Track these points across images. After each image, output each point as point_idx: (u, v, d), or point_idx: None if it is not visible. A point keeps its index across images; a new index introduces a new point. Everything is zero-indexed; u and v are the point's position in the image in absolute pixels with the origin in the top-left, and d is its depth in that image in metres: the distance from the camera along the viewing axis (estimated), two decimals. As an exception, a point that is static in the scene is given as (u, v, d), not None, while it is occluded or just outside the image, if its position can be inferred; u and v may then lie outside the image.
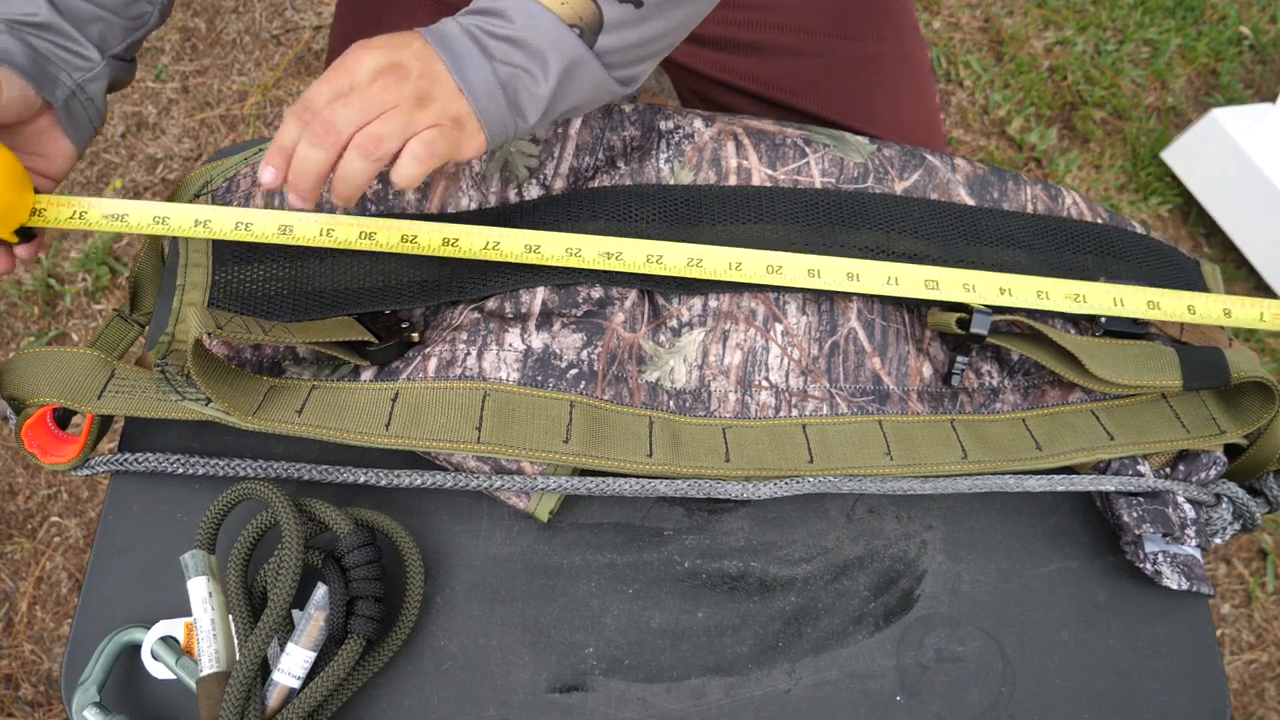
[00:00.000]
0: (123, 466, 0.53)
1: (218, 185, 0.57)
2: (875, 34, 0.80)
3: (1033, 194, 0.63)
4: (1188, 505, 0.55)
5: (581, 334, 0.54)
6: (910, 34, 0.83)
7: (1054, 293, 0.57)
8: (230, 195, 0.57)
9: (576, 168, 0.60)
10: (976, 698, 0.53)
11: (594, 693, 0.51)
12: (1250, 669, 1.25)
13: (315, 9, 1.59)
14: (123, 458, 0.53)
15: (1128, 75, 1.65)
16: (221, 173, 0.57)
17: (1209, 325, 0.59)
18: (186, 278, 0.55)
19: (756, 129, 0.61)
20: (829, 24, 0.78)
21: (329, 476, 0.53)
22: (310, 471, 0.53)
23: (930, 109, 0.83)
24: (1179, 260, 0.64)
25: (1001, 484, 0.54)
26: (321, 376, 0.54)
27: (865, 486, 0.53)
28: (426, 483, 0.52)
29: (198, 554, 0.49)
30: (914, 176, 0.61)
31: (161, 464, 0.53)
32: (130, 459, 0.53)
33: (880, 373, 0.57)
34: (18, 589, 1.21)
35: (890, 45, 0.81)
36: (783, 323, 0.57)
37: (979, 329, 0.54)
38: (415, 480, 0.52)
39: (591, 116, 0.60)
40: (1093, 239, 0.62)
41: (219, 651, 0.48)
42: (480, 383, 0.52)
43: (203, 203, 0.57)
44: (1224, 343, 0.60)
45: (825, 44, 0.79)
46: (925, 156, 0.62)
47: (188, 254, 0.55)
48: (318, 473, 0.53)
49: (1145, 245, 0.63)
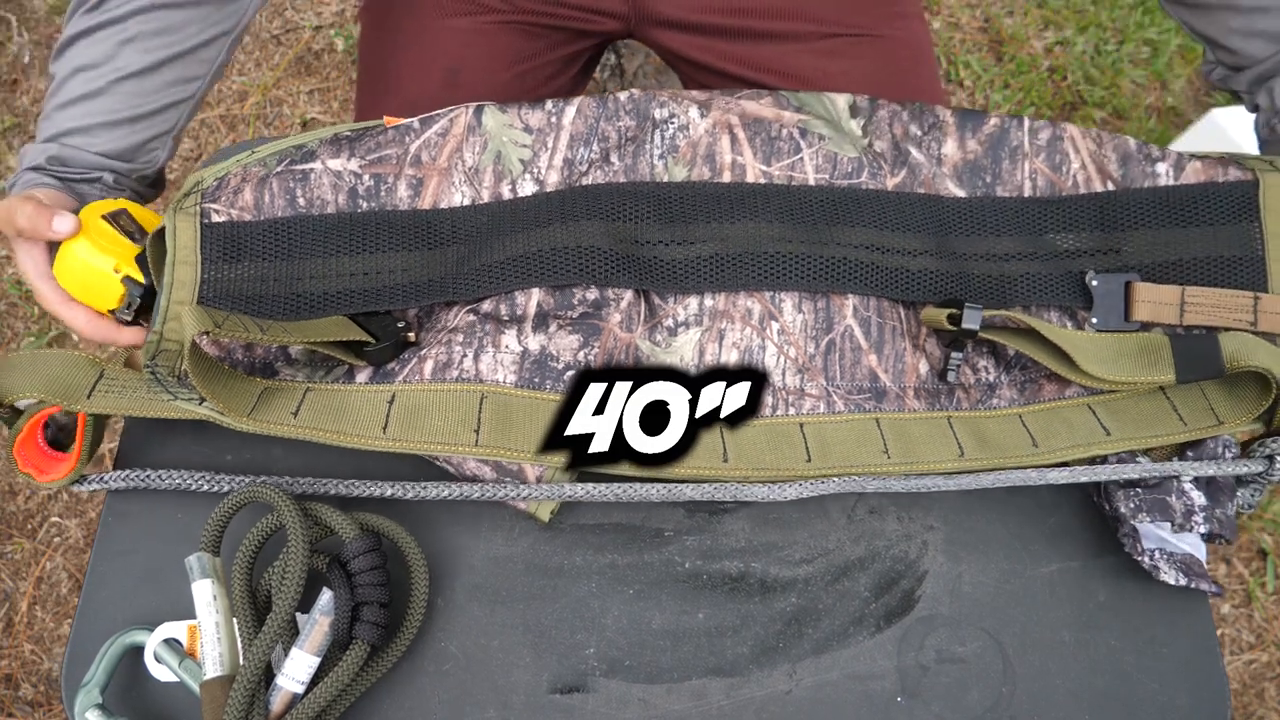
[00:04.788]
0: (122, 484, 0.53)
1: (208, 185, 0.57)
2: (881, 19, 0.80)
3: (1031, 169, 0.61)
4: (1196, 492, 0.54)
5: (578, 335, 0.54)
6: (915, 20, 0.83)
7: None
8: (219, 192, 0.57)
9: (570, 159, 0.59)
10: (977, 698, 0.53)
11: (595, 693, 0.52)
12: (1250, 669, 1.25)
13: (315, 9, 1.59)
14: (122, 475, 0.53)
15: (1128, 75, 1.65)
16: (213, 173, 0.57)
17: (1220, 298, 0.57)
18: (174, 275, 0.54)
19: (754, 116, 0.60)
20: (834, 10, 0.79)
21: (325, 488, 0.53)
22: (312, 485, 0.53)
23: (937, 93, 0.83)
24: (1208, 207, 0.59)
25: (1024, 478, 0.54)
26: (316, 378, 0.53)
27: (867, 485, 0.53)
28: (430, 495, 0.52)
29: (203, 556, 0.49)
30: (900, 175, 0.60)
31: (157, 482, 0.53)
32: (128, 476, 0.53)
33: (877, 370, 0.57)
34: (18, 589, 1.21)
35: (896, 30, 0.81)
36: (779, 321, 0.57)
37: (970, 324, 0.54)
38: (420, 493, 0.52)
39: (586, 105, 0.59)
40: (1096, 211, 0.60)
41: (223, 655, 0.48)
42: (478, 385, 0.52)
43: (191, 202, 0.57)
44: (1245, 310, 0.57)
45: (831, 30, 0.79)
46: (910, 152, 0.61)
47: (175, 250, 0.55)
48: (319, 485, 0.53)
49: (1160, 203, 0.59)
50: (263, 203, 0.57)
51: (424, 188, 0.58)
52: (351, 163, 0.58)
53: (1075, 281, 0.58)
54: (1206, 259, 0.58)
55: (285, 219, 0.57)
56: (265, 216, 0.57)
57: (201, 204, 0.57)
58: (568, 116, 0.59)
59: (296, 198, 0.57)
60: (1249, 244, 0.58)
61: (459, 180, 0.58)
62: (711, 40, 0.80)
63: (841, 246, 0.57)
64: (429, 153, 0.58)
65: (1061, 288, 0.58)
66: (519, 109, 0.59)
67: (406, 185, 0.58)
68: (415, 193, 0.58)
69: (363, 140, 0.58)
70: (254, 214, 0.57)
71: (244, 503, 0.50)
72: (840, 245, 0.57)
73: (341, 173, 0.57)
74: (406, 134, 0.58)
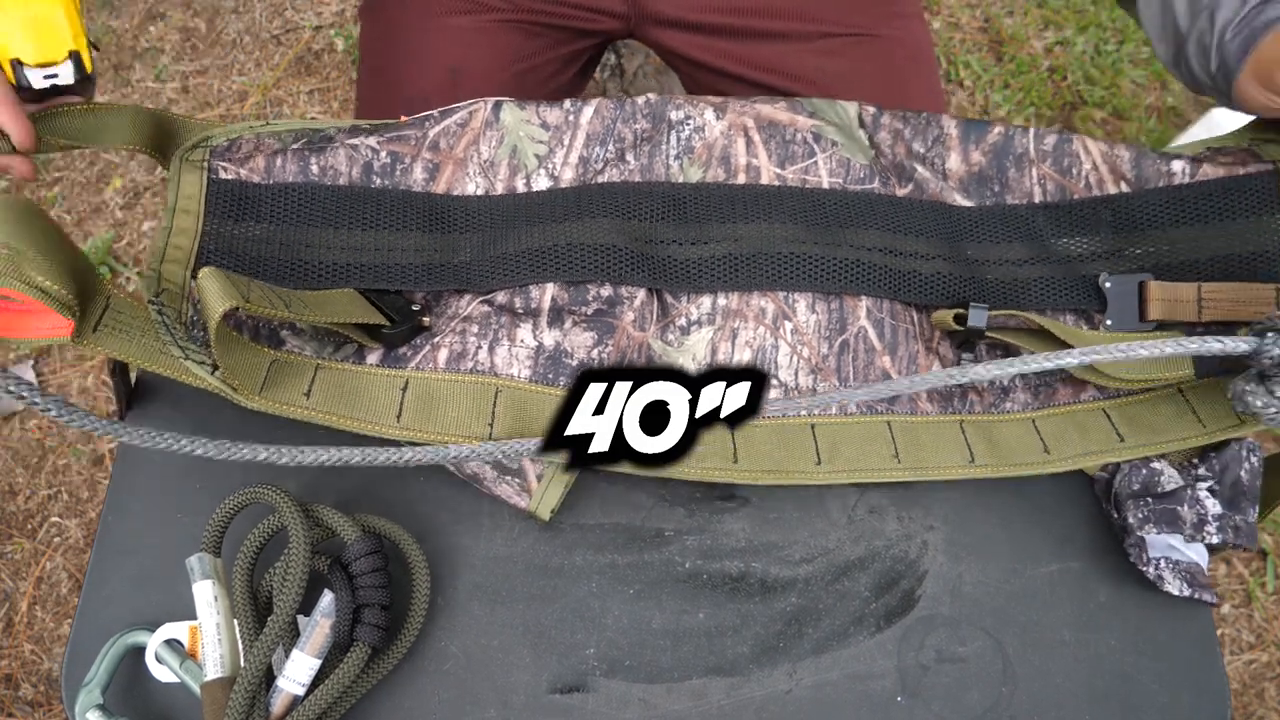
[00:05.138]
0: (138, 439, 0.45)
1: (219, 143, 0.56)
2: (880, 19, 0.80)
3: (1040, 174, 0.60)
4: (1211, 500, 0.54)
5: (592, 333, 0.54)
6: (914, 20, 0.84)
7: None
8: (230, 153, 0.56)
9: (586, 158, 0.59)
10: (977, 698, 0.53)
11: (595, 693, 0.52)
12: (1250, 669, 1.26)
13: (315, 9, 1.59)
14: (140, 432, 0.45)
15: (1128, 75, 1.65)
16: (224, 133, 0.56)
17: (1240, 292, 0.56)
18: (174, 221, 0.53)
19: (769, 119, 0.60)
20: (834, 10, 0.79)
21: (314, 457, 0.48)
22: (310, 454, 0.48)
23: (936, 93, 0.83)
24: (1226, 201, 0.58)
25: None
26: (324, 354, 0.53)
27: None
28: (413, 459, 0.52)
29: (204, 557, 0.49)
30: (907, 189, 0.61)
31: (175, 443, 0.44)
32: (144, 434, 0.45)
33: (890, 371, 0.57)
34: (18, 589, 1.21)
35: (895, 30, 0.81)
36: (792, 321, 0.57)
37: (975, 322, 0.54)
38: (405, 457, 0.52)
39: (604, 105, 0.60)
40: (1110, 214, 0.59)
41: (224, 656, 0.48)
42: (493, 378, 0.52)
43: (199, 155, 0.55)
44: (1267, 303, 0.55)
45: (830, 30, 0.79)
46: (916, 169, 0.61)
47: (177, 199, 0.54)
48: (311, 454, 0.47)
49: (1173, 202, 0.59)
50: (274, 168, 0.56)
51: (439, 173, 0.58)
52: (370, 139, 0.58)
53: (1089, 284, 0.58)
54: (1226, 257, 0.57)
55: (296, 184, 0.56)
56: (275, 182, 0.56)
57: (210, 159, 0.56)
58: (585, 116, 0.60)
59: (310, 165, 0.57)
60: (1270, 236, 0.57)
61: (474, 171, 0.58)
62: (711, 39, 0.80)
63: (854, 249, 0.58)
64: (447, 140, 0.58)
65: (1075, 291, 0.58)
66: (537, 106, 0.59)
67: (423, 168, 0.58)
68: (430, 177, 0.58)
69: (380, 129, 0.58)
70: (264, 178, 0.56)
71: (245, 503, 0.50)
72: (853, 247, 0.58)
73: (359, 146, 0.57)
74: (426, 120, 0.59)
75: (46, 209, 1.45)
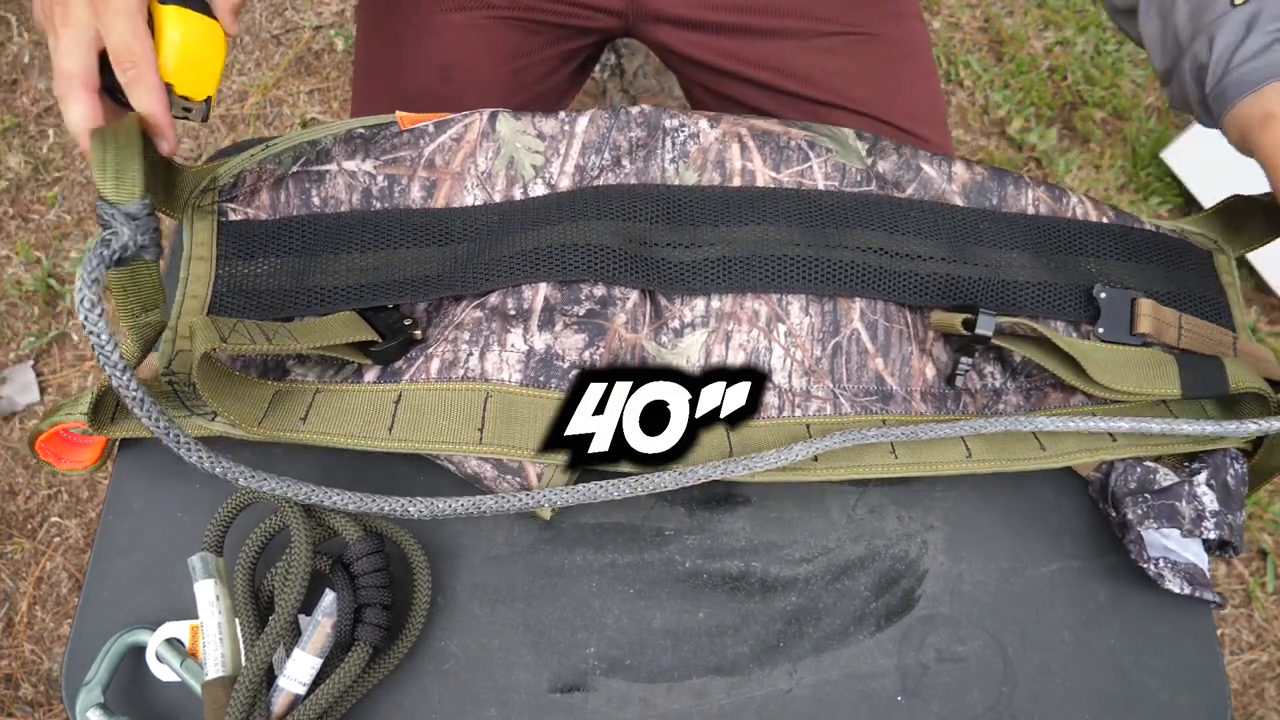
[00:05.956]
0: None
1: (224, 182, 0.57)
2: (879, 18, 0.81)
3: (1034, 197, 0.63)
4: (1208, 496, 0.54)
5: (584, 335, 0.54)
6: (913, 19, 0.84)
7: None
8: (236, 191, 0.57)
9: (583, 166, 0.60)
10: (977, 698, 0.53)
11: (595, 693, 0.52)
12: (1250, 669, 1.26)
13: (315, 9, 1.59)
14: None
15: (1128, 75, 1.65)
16: (228, 170, 0.57)
17: (1209, 330, 0.59)
18: (190, 270, 0.55)
19: (762, 130, 0.61)
20: (833, 9, 0.79)
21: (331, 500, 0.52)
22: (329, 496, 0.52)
23: (934, 92, 0.84)
24: (1188, 255, 0.63)
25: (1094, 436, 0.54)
26: (326, 377, 0.54)
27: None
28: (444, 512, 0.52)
29: (206, 556, 0.49)
30: (910, 190, 0.61)
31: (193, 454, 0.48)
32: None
33: (883, 373, 0.57)
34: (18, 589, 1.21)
35: (894, 29, 0.81)
36: (785, 323, 0.57)
37: (984, 330, 0.55)
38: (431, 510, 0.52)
39: (599, 115, 0.60)
40: (1095, 239, 0.62)
41: (225, 655, 0.48)
42: (482, 384, 0.52)
43: (208, 200, 0.57)
44: (1227, 346, 0.60)
45: (829, 28, 0.79)
46: (921, 167, 0.62)
47: (192, 246, 0.55)
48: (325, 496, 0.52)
49: (1152, 241, 0.63)
50: (279, 203, 0.58)
51: (437, 189, 0.59)
52: (366, 164, 0.58)
53: (1083, 294, 0.59)
54: (1200, 295, 0.62)
55: (300, 217, 0.57)
56: (281, 216, 0.57)
57: (219, 202, 0.57)
58: (580, 125, 0.60)
59: (311, 198, 0.58)
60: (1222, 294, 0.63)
61: (471, 184, 0.59)
62: (710, 37, 0.80)
63: (850, 250, 0.58)
64: (443, 156, 0.59)
65: (1069, 299, 0.59)
66: (533, 117, 0.60)
67: (420, 187, 0.58)
68: (428, 194, 0.58)
69: (377, 141, 0.59)
70: (270, 214, 0.57)
71: (247, 503, 0.50)
72: (849, 249, 0.58)
73: (356, 173, 0.58)
74: (421, 137, 0.59)
75: (46, 209, 1.45)
